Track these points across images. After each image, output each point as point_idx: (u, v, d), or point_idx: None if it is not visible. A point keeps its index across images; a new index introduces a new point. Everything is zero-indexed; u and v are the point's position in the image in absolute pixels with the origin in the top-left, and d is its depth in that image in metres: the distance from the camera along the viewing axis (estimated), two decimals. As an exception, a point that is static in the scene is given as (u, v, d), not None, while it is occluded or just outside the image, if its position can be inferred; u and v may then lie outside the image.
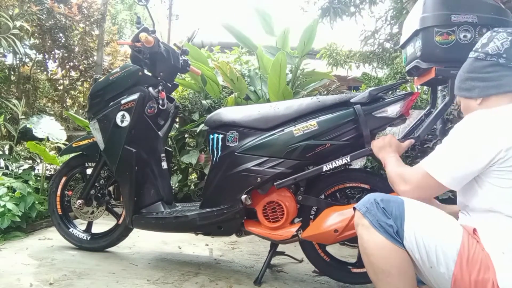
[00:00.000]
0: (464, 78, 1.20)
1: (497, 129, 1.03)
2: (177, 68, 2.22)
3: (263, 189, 1.80)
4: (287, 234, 1.78)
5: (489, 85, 1.13)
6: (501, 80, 1.11)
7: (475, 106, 1.16)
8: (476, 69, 1.16)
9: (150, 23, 2.20)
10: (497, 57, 1.12)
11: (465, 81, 1.19)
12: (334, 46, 5.13)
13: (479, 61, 1.15)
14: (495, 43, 1.12)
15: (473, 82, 1.16)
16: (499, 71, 1.12)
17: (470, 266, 0.97)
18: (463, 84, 1.20)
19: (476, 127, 1.07)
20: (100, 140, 2.08)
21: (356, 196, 1.80)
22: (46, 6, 3.95)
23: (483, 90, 1.14)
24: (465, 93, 1.19)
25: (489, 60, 1.13)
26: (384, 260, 1.05)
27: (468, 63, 1.20)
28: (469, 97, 1.18)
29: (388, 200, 1.11)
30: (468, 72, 1.18)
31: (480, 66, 1.15)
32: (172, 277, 1.89)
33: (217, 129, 1.89)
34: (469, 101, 1.19)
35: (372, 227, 1.07)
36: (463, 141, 1.08)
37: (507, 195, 1.02)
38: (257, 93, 3.44)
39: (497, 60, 1.12)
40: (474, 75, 1.16)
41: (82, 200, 2.19)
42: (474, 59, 1.17)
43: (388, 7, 4.39)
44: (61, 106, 4.61)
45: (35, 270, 1.88)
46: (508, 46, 1.11)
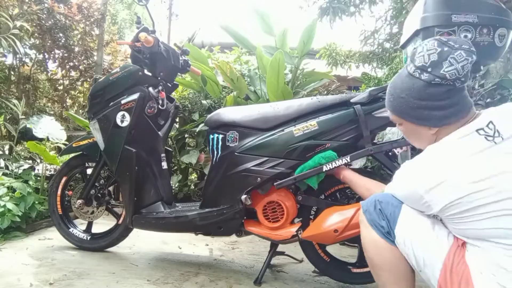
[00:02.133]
0: (415, 106, 1.02)
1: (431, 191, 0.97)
2: (177, 68, 2.22)
3: (263, 189, 1.80)
4: (287, 234, 1.78)
5: (447, 114, 0.99)
6: (457, 106, 0.99)
7: (427, 135, 1.05)
8: (432, 96, 0.99)
9: (150, 23, 2.20)
10: (453, 81, 0.96)
11: (416, 109, 1.02)
12: (334, 46, 5.14)
13: (434, 86, 0.98)
14: (452, 64, 0.95)
15: (427, 111, 1.01)
16: (455, 96, 0.98)
17: (453, 277, 0.96)
18: (413, 112, 1.03)
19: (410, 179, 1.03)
20: (100, 140, 2.08)
21: (356, 196, 1.80)
22: (46, 6, 3.95)
23: (441, 120, 1.00)
24: (416, 121, 1.05)
25: (446, 85, 0.97)
26: (378, 255, 1.11)
27: (417, 87, 1.00)
28: (421, 125, 1.05)
29: (387, 202, 1.12)
30: (420, 99, 1.00)
31: (436, 93, 0.98)
32: (172, 277, 1.89)
33: (217, 129, 1.89)
34: (420, 128, 1.06)
35: (369, 225, 1.12)
36: (400, 189, 1.09)
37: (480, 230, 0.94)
38: (257, 93, 3.44)
39: (453, 85, 0.97)
40: (429, 103, 1.00)
41: (82, 200, 2.19)
42: (427, 84, 0.98)
43: (388, 7, 4.39)
44: (61, 106, 4.61)
45: (35, 270, 1.88)
46: (468, 70, 0.96)
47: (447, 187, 0.93)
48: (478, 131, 0.94)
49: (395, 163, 1.75)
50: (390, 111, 1.13)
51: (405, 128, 1.12)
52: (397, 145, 1.74)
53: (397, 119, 1.12)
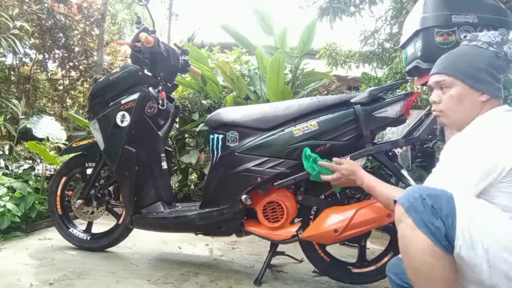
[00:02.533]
0: (481, 69, 1.10)
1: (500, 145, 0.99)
2: (177, 68, 2.22)
3: (263, 189, 1.80)
4: (287, 234, 1.78)
5: (499, 88, 1.10)
6: (500, 85, 1.11)
7: (477, 101, 1.10)
8: (496, 66, 1.10)
9: (150, 23, 2.20)
10: (508, 62, 1.11)
11: (481, 72, 1.10)
12: (334, 46, 5.14)
13: (499, 59, 1.10)
14: (510, 48, 1.10)
15: (489, 78, 1.09)
16: (502, 75, 1.12)
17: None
18: (477, 74, 1.10)
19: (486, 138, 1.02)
20: (100, 140, 2.08)
21: (356, 196, 1.80)
22: (46, 6, 3.95)
23: (496, 90, 1.10)
24: (476, 84, 1.10)
25: (506, 62, 1.11)
26: (428, 266, 0.91)
27: (485, 54, 1.11)
28: (478, 90, 1.09)
29: (436, 195, 0.93)
30: (487, 64, 1.10)
31: (499, 66, 1.11)
32: (172, 277, 1.89)
33: (217, 129, 1.89)
34: (474, 93, 1.10)
35: (417, 227, 0.91)
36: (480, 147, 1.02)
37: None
38: (256, 93, 3.44)
39: (507, 65, 1.11)
40: (493, 71, 1.10)
41: (82, 200, 2.19)
42: (495, 54, 1.10)
43: (388, 7, 4.39)
44: (61, 106, 4.61)
45: (35, 270, 1.88)
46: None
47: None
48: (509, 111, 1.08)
49: (395, 163, 1.75)
50: (443, 73, 1.14)
51: (455, 93, 1.11)
52: (397, 145, 1.74)
53: (450, 81, 1.12)
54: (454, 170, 1.03)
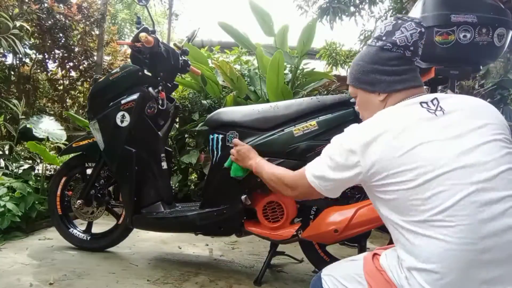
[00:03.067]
0: (368, 70, 1.06)
1: (360, 148, 0.93)
2: (177, 68, 2.22)
3: (263, 189, 1.80)
4: (287, 234, 1.78)
5: (395, 80, 1.02)
6: (406, 75, 1.02)
7: (376, 102, 1.06)
8: (382, 60, 1.04)
9: (150, 23, 2.20)
10: (403, 49, 1.02)
11: (368, 73, 1.06)
12: (334, 46, 5.14)
13: (385, 51, 1.03)
14: (403, 33, 1.01)
15: (378, 75, 1.04)
16: (403, 65, 1.03)
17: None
18: (365, 76, 1.07)
19: (350, 137, 0.98)
20: (100, 140, 2.09)
21: (356, 196, 1.80)
22: (46, 6, 3.95)
23: (389, 85, 1.03)
24: (367, 87, 1.07)
25: (396, 52, 1.02)
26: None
27: (370, 53, 1.06)
28: (371, 91, 1.06)
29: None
30: (372, 63, 1.05)
31: (386, 58, 1.03)
32: (172, 277, 1.89)
33: (217, 129, 1.89)
34: (370, 96, 1.07)
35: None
36: (335, 149, 1.00)
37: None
38: (256, 93, 3.44)
39: (403, 53, 1.02)
40: (379, 67, 1.04)
41: (82, 200, 2.19)
42: (379, 49, 1.04)
43: (388, 7, 4.39)
44: (61, 106, 4.61)
45: (35, 270, 1.88)
46: (417, 39, 1.02)
47: (380, 143, 0.91)
48: (421, 103, 0.96)
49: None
50: (348, 83, 1.14)
51: (358, 99, 1.12)
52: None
53: (353, 91, 1.12)
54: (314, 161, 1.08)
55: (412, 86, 1.02)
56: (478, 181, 0.82)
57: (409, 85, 1.02)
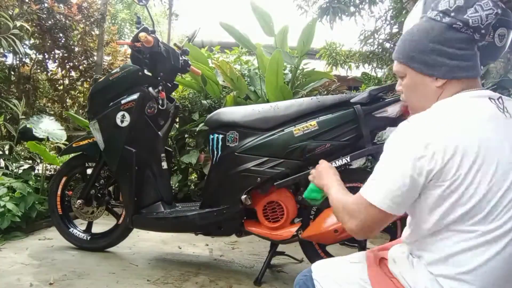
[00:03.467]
0: (428, 49, 0.90)
1: (427, 138, 0.82)
2: (177, 68, 2.22)
3: (263, 189, 1.80)
4: (287, 234, 1.78)
5: (460, 66, 0.88)
6: (471, 61, 0.88)
7: (431, 87, 0.91)
8: (447, 40, 0.88)
9: (150, 23, 2.20)
10: (473, 31, 0.86)
11: (427, 53, 0.90)
12: (334, 46, 5.13)
13: (453, 31, 0.88)
14: (477, 11, 0.85)
15: (439, 57, 0.88)
16: (470, 50, 0.88)
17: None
18: (423, 56, 0.91)
19: (405, 138, 0.87)
20: (100, 140, 2.09)
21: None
22: (46, 6, 3.95)
23: (452, 71, 0.88)
24: (425, 69, 0.91)
25: (465, 33, 0.87)
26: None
27: (434, 29, 0.90)
28: (428, 74, 0.91)
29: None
30: (434, 42, 0.89)
31: (454, 39, 0.87)
32: (172, 277, 1.89)
33: (217, 129, 1.89)
34: (425, 79, 0.92)
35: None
36: (393, 156, 0.87)
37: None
38: (256, 93, 3.44)
39: (472, 35, 0.87)
40: (443, 48, 0.88)
41: (82, 200, 2.19)
42: (446, 26, 0.88)
43: (388, 7, 4.39)
44: (61, 106, 4.60)
45: (35, 270, 1.88)
46: (491, 21, 0.86)
47: (457, 142, 0.80)
48: (490, 99, 0.85)
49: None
50: (396, 59, 0.98)
51: (408, 81, 0.96)
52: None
53: (402, 69, 0.96)
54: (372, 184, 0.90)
55: (474, 76, 0.89)
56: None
57: (471, 74, 0.89)
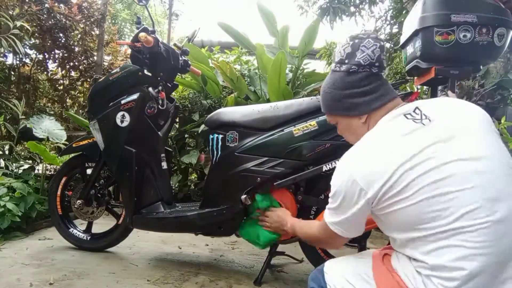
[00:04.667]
0: (341, 96, 1.04)
1: (360, 179, 0.91)
2: (177, 68, 2.22)
3: (263, 189, 1.80)
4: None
5: (372, 99, 1.01)
6: (379, 91, 1.01)
7: (359, 125, 1.04)
8: (352, 84, 1.02)
9: (150, 23, 2.20)
10: (369, 66, 1.00)
11: (342, 100, 1.04)
12: (334, 46, 5.13)
13: (352, 74, 1.02)
14: (364, 52, 1.00)
15: (352, 99, 1.03)
16: (374, 82, 1.01)
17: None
18: (340, 103, 1.05)
19: (340, 181, 0.96)
20: (100, 140, 2.09)
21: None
22: (46, 6, 3.95)
23: (368, 106, 1.01)
24: (346, 112, 1.05)
25: (363, 72, 1.01)
26: None
27: (337, 79, 1.05)
28: (351, 116, 1.05)
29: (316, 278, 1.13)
30: (343, 89, 1.03)
31: (356, 80, 1.02)
32: (172, 277, 1.89)
33: (217, 129, 1.89)
34: (351, 120, 1.06)
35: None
36: (335, 192, 0.98)
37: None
38: (256, 93, 3.44)
39: (370, 70, 1.01)
40: (352, 91, 1.02)
41: (82, 200, 2.19)
42: (345, 73, 1.03)
43: (388, 7, 4.39)
44: (61, 106, 4.61)
45: (35, 270, 1.88)
46: (379, 54, 1.01)
47: (380, 172, 0.88)
48: (405, 115, 0.94)
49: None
50: (324, 112, 1.13)
51: (340, 126, 1.11)
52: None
53: (332, 119, 1.12)
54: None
55: (389, 100, 1.01)
56: (485, 181, 0.82)
57: (386, 100, 1.01)
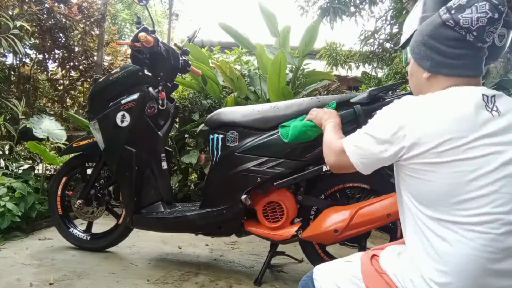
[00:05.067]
0: (421, 41, 0.97)
1: (410, 123, 0.87)
2: (177, 68, 2.22)
3: (263, 189, 1.80)
4: (287, 234, 1.78)
5: (445, 63, 0.93)
6: (459, 60, 0.92)
7: (421, 78, 0.98)
8: (439, 36, 0.93)
9: (150, 23, 2.20)
10: (466, 31, 0.89)
11: (421, 45, 0.97)
12: (334, 46, 5.13)
13: (446, 28, 0.92)
14: (472, 13, 0.88)
15: (429, 51, 0.95)
16: (461, 49, 0.91)
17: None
18: (419, 47, 0.98)
19: (395, 115, 0.92)
20: (100, 140, 2.09)
21: (356, 196, 1.80)
22: (46, 6, 3.95)
23: (436, 66, 0.94)
24: (418, 59, 0.99)
25: (457, 32, 0.90)
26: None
27: (433, 23, 0.95)
28: (420, 65, 0.98)
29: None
30: (428, 35, 0.95)
31: (445, 36, 0.92)
32: (172, 277, 1.89)
33: (217, 129, 1.89)
34: (418, 69, 0.99)
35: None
36: (378, 125, 0.95)
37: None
38: (256, 93, 3.44)
39: (464, 35, 0.90)
40: (433, 42, 0.94)
41: (82, 200, 2.19)
42: (442, 23, 0.93)
43: (388, 7, 4.39)
44: (61, 106, 4.61)
45: (35, 270, 1.88)
46: (483, 25, 0.88)
47: (432, 128, 0.85)
48: (483, 96, 0.88)
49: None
50: (408, 50, 1.06)
51: (410, 68, 1.04)
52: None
53: (408, 56, 1.04)
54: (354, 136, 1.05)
55: (462, 75, 0.92)
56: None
57: (458, 73, 0.92)
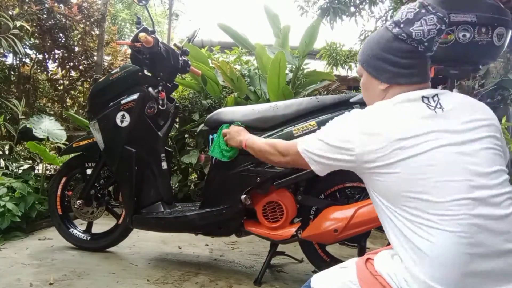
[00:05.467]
0: (375, 56, 1.02)
1: (357, 138, 0.93)
2: (177, 68, 2.23)
3: (262, 189, 1.80)
4: (286, 234, 1.78)
5: (401, 73, 0.98)
6: (413, 69, 0.98)
7: (377, 89, 1.03)
8: (393, 50, 0.99)
9: (150, 23, 2.20)
10: (417, 43, 0.96)
11: (375, 59, 1.02)
12: (334, 46, 5.13)
13: (398, 41, 0.97)
14: (422, 25, 0.94)
15: (384, 64, 1.00)
16: (414, 59, 0.98)
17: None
18: (373, 61, 1.03)
19: (344, 128, 0.99)
20: (100, 140, 2.09)
21: (356, 196, 1.80)
22: (46, 6, 3.95)
23: (393, 77, 0.99)
24: (373, 72, 1.03)
25: (409, 44, 0.97)
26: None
27: (384, 38, 1.00)
28: (376, 78, 1.03)
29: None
30: (382, 50, 1.00)
31: (398, 48, 0.98)
32: (172, 277, 1.89)
33: (217, 129, 1.89)
34: (373, 81, 1.04)
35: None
36: (330, 133, 1.02)
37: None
38: (256, 93, 3.44)
39: (416, 47, 0.96)
40: (388, 56, 0.99)
41: (82, 200, 2.20)
42: (393, 37, 0.98)
43: (388, 7, 4.39)
44: (61, 106, 4.61)
45: (35, 270, 1.88)
46: (433, 36, 0.95)
47: (378, 138, 0.91)
48: (423, 98, 0.94)
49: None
50: (358, 61, 1.10)
51: (363, 80, 1.09)
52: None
53: (360, 70, 1.09)
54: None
55: (416, 82, 0.98)
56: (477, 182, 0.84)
57: (414, 81, 0.98)
